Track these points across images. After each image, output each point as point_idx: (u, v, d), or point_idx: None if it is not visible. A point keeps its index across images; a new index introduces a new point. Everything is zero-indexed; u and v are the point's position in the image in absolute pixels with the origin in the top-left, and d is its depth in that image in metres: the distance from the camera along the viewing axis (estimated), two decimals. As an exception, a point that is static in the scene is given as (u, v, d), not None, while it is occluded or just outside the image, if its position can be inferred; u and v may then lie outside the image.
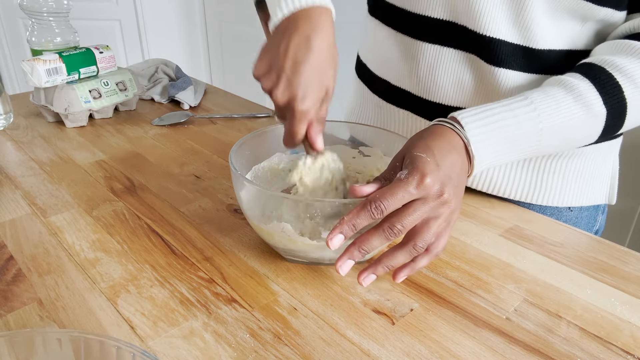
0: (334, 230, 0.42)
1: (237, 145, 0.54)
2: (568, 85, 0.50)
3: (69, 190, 0.65)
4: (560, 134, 0.50)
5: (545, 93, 0.50)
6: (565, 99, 0.50)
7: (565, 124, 0.50)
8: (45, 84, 0.82)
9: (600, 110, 0.50)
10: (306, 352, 0.41)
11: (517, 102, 0.50)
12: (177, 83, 1.01)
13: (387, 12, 0.67)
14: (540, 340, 0.42)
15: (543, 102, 0.49)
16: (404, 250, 0.44)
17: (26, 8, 0.88)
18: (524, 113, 0.49)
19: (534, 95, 0.50)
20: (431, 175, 0.43)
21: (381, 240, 0.43)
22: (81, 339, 0.31)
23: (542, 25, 0.55)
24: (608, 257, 0.54)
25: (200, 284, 0.48)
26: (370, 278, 0.45)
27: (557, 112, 0.49)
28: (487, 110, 0.49)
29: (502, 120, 0.48)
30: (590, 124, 0.51)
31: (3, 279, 0.48)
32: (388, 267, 0.44)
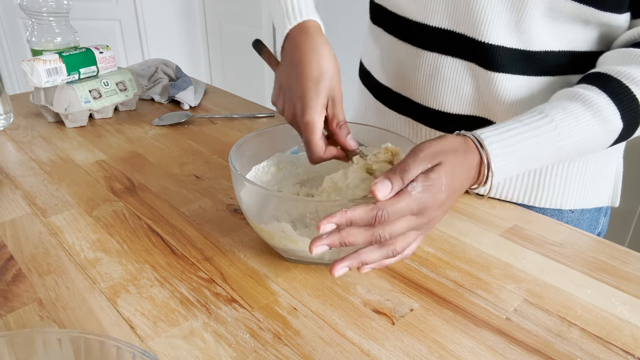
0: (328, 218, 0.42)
1: (237, 145, 0.54)
2: (587, 100, 0.50)
3: (69, 190, 0.65)
4: (577, 148, 0.51)
5: (564, 110, 0.50)
6: (585, 115, 0.50)
7: (583, 140, 0.50)
8: (45, 84, 0.82)
9: (617, 125, 0.51)
10: (306, 352, 0.41)
11: (538, 120, 0.50)
12: (177, 83, 1.01)
13: (389, 20, 0.67)
14: (540, 340, 0.42)
15: (563, 120, 0.49)
16: (381, 250, 0.44)
17: (26, 8, 0.88)
18: (545, 132, 0.49)
19: (553, 113, 0.50)
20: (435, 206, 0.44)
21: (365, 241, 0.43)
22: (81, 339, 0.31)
23: (541, 29, 0.55)
24: (608, 257, 0.54)
25: (200, 284, 0.48)
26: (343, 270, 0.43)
27: (577, 130, 0.50)
28: (510, 130, 0.49)
29: (524, 140, 0.48)
30: (606, 137, 0.52)
31: (3, 279, 0.48)
32: (362, 262, 0.44)
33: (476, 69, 0.59)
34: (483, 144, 0.47)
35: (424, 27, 0.62)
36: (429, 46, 0.62)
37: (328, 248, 0.43)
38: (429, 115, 0.66)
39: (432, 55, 0.62)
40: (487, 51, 0.57)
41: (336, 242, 0.43)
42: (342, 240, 0.43)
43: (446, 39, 0.60)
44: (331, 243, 0.43)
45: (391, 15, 0.66)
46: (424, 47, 0.63)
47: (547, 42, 0.56)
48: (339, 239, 0.42)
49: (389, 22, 0.68)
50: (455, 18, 0.58)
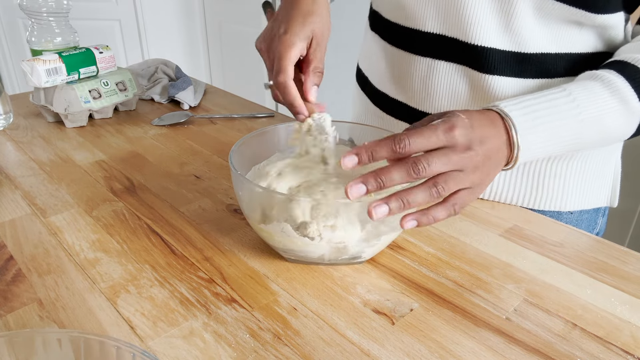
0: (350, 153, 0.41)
1: (237, 145, 0.54)
2: (605, 80, 0.50)
3: (68, 191, 0.65)
4: (600, 125, 0.50)
5: (582, 86, 0.50)
6: (603, 92, 0.50)
7: (603, 116, 0.50)
8: (45, 84, 0.82)
9: (636, 106, 0.50)
10: (306, 352, 0.41)
11: (556, 93, 0.49)
12: (177, 83, 1.01)
13: (383, 26, 0.68)
14: (540, 340, 0.42)
15: (581, 94, 0.49)
16: (423, 188, 0.42)
17: (26, 8, 0.88)
18: (564, 104, 0.48)
19: (571, 87, 0.50)
20: (462, 129, 0.43)
21: (401, 175, 0.41)
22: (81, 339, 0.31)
23: (533, 30, 0.55)
24: (608, 257, 0.54)
25: (200, 284, 0.48)
26: (382, 209, 0.41)
27: (596, 104, 0.49)
28: (529, 99, 0.48)
29: (544, 109, 0.48)
30: (627, 119, 0.51)
31: (3, 279, 0.48)
32: (403, 201, 0.41)
33: (470, 72, 0.59)
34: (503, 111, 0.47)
35: (416, 33, 0.62)
36: (422, 51, 0.63)
37: (365, 189, 0.41)
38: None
39: (425, 60, 0.62)
40: (479, 54, 0.58)
41: (372, 182, 0.41)
42: (378, 178, 0.41)
43: (438, 44, 0.60)
44: (367, 183, 0.41)
45: (385, 22, 0.67)
46: (417, 53, 0.63)
47: (543, 45, 0.56)
48: (375, 177, 0.41)
49: (383, 29, 0.68)
50: (446, 22, 0.59)
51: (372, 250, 0.50)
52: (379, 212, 0.41)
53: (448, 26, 0.59)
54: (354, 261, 0.51)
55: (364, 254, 0.50)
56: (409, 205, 0.42)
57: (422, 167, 0.41)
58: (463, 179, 0.43)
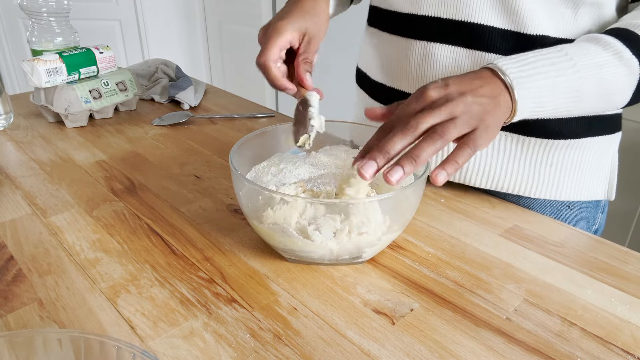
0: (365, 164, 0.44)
1: (237, 145, 0.54)
2: (596, 39, 0.52)
3: (69, 191, 0.65)
4: (597, 81, 0.51)
5: (576, 45, 0.52)
6: (596, 47, 0.51)
7: (600, 68, 0.50)
8: (46, 84, 0.82)
9: (630, 57, 0.51)
10: (306, 352, 0.41)
11: (551, 51, 0.51)
12: (177, 83, 1.01)
13: (383, 18, 0.69)
14: (540, 341, 0.42)
15: (576, 50, 0.51)
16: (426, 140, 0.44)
17: (26, 8, 0.88)
18: (558, 57, 0.50)
19: (566, 47, 0.51)
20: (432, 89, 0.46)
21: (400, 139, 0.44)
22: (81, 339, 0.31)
23: (532, 10, 0.56)
24: (608, 257, 0.54)
25: (200, 284, 0.48)
26: (398, 172, 0.43)
27: (589, 57, 0.50)
28: (524, 57, 0.50)
29: (541, 67, 0.49)
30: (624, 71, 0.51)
31: (3, 279, 0.48)
32: (414, 158, 0.43)
33: (467, 52, 0.60)
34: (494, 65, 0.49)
35: (413, 18, 0.63)
36: (418, 35, 0.63)
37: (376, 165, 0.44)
38: None
39: (420, 43, 0.63)
40: (476, 32, 0.58)
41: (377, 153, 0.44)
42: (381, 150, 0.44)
43: (434, 26, 0.61)
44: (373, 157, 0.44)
45: (384, 13, 0.68)
46: (413, 37, 0.64)
47: (542, 27, 0.56)
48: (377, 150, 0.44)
49: (382, 20, 0.69)
50: (444, 4, 0.59)
51: (372, 250, 0.50)
52: (396, 177, 0.43)
53: (445, 7, 0.60)
54: (354, 261, 0.51)
55: (364, 254, 0.50)
56: (420, 161, 0.43)
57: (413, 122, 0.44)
58: (460, 123, 0.45)
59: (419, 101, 0.46)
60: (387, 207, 0.48)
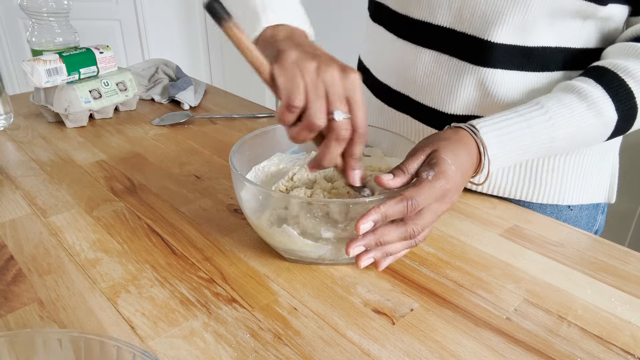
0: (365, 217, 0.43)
1: (237, 145, 0.54)
2: (582, 92, 0.52)
3: (69, 190, 0.65)
4: (571, 140, 0.53)
5: (559, 101, 0.52)
6: (579, 107, 0.52)
7: (577, 132, 0.52)
8: (46, 84, 0.82)
9: (612, 116, 0.52)
10: (306, 352, 0.41)
11: (533, 111, 0.52)
12: (177, 83, 1.01)
13: (389, 18, 0.67)
14: (540, 340, 0.42)
15: (558, 112, 0.52)
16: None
17: (26, 8, 0.88)
18: (539, 122, 0.51)
19: (549, 104, 0.52)
20: (452, 182, 0.46)
21: (400, 237, 0.45)
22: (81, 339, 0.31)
23: (542, 27, 0.55)
24: (608, 257, 0.54)
25: (200, 284, 0.48)
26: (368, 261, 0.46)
27: (571, 121, 0.52)
28: (504, 120, 0.51)
29: (518, 130, 0.51)
30: (601, 129, 0.53)
31: (3, 279, 0.48)
32: (380, 240, 0.45)
33: (474, 67, 0.59)
34: (477, 132, 0.50)
35: (426, 26, 0.62)
36: (429, 44, 0.63)
37: (364, 249, 0.45)
38: (427, 113, 0.66)
39: (430, 53, 0.62)
40: (488, 49, 0.58)
41: (372, 242, 0.45)
42: (378, 240, 0.45)
43: (447, 38, 0.60)
44: (367, 244, 0.45)
45: (392, 13, 0.66)
46: (424, 45, 0.63)
47: (544, 38, 0.56)
48: (374, 239, 0.45)
49: (389, 21, 0.68)
50: (459, 17, 0.58)
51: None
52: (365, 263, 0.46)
53: (461, 21, 0.59)
54: (354, 261, 0.51)
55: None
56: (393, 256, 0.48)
57: (417, 231, 0.46)
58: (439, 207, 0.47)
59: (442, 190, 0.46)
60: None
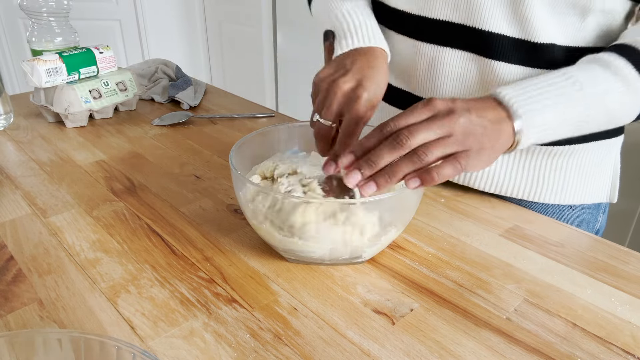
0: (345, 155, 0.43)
1: (237, 145, 0.54)
2: (604, 62, 0.51)
3: (69, 191, 0.65)
4: (605, 105, 0.50)
5: (582, 68, 0.51)
6: (604, 73, 0.50)
7: (607, 95, 0.50)
8: (46, 84, 0.82)
9: (637, 84, 0.50)
10: (306, 352, 0.41)
11: (557, 77, 0.50)
12: (177, 83, 1.01)
13: (389, 16, 0.67)
14: (540, 340, 0.42)
15: (582, 75, 0.50)
16: (407, 158, 0.43)
17: (26, 8, 0.88)
18: (565, 86, 0.49)
19: (571, 70, 0.50)
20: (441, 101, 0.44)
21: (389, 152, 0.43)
22: (81, 339, 0.31)
23: (542, 19, 0.55)
24: (608, 257, 0.54)
25: (200, 284, 0.48)
26: (370, 186, 0.43)
27: (597, 83, 0.50)
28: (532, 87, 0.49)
29: (548, 98, 0.48)
30: (631, 97, 0.51)
31: (3, 279, 0.48)
32: (390, 175, 0.43)
33: (477, 59, 0.60)
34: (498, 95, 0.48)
35: (423, 20, 0.62)
36: (428, 38, 0.63)
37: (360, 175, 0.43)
38: None
39: (430, 47, 0.63)
40: (486, 39, 0.58)
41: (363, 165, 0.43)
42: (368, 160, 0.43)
43: (445, 30, 0.61)
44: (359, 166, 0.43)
45: (391, 10, 0.67)
46: (423, 40, 0.63)
47: (552, 36, 0.56)
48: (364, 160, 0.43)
49: (388, 18, 0.68)
50: (455, 9, 0.59)
51: (372, 250, 0.50)
52: (368, 190, 0.43)
53: (456, 13, 0.59)
54: (354, 261, 0.51)
55: (364, 254, 0.50)
56: (394, 177, 0.43)
57: (404, 136, 0.42)
58: (451, 143, 0.43)
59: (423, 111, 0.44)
60: (387, 207, 0.48)
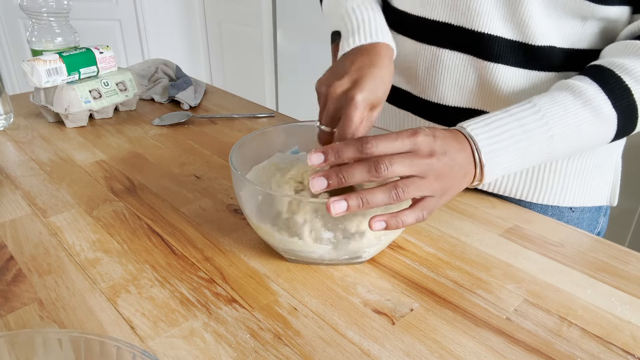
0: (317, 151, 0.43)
1: (237, 145, 0.54)
2: (576, 89, 0.50)
3: (69, 191, 0.65)
4: (571, 139, 0.50)
5: (552, 99, 0.50)
6: (574, 104, 0.49)
7: (575, 130, 0.49)
8: (46, 84, 0.82)
9: (609, 113, 0.49)
10: (306, 352, 0.41)
11: (525, 110, 0.49)
12: (177, 83, 1.01)
13: (390, 15, 0.68)
14: (540, 340, 0.42)
15: (551, 109, 0.49)
16: (383, 189, 0.42)
17: (26, 8, 0.88)
18: (532, 122, 0.48)
19: (541, 102, 0.49)
20: (425, 136, 0.44)
21: (362, 174, 0.42)
22: (81, 339, 0.31)
23: (539, 22, 0.55)
24: (608, 257, 0.54)
25: (200, 284, 0.48)
26: (341, 205, 0.42)
27: (565, 119, 0.49)
28: (495, 120, 0.48)
29: (511, 130, 0.48)
30: (601, 127, 0.50)
31: (3, 279, 0.48)
32: (362, 199, 0.42)
33: (475, 61, 0.60)
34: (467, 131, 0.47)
35: (423, 21, 0.62)
36: (427, 39, 0.63)
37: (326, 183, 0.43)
38: (428, 108, 0.66)
39: (430, 48, 0.63)
40: (485, 42, 0.58)
41: (333, 174, 0.42)
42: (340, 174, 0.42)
43: (444, 32, 0.61)
44: (327, 175, 0.43)
45: (393, 10, 0.67)
46: (423, 41, 0.63)
47: (551, 39, 0.56)
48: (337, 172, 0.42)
49: (390, 17, 0.68)
50: (454, 11, 0.59)
51: (372, 250, 0.50)
52: (338, 208, 0.42)
53: (455, 14, 0.59)
54: (354, 261, 0.51)
55: (364, 254, 0.50)
56: (367, 205, 0.43)
57: (384, 166, 0.42)
58: (424, 186, 0.44)
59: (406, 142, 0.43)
60: (387, 207, 0.48)
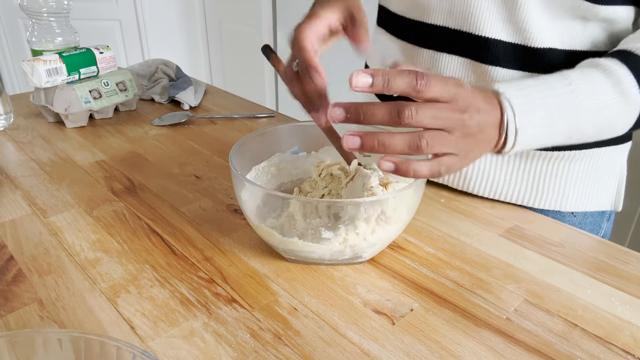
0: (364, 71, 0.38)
1: (237, 145, 0.54)
2: (607, 69, 0.49)
3: (69, 191, 0.65)
4: (597, 118, 0.50)
5: (584, 76, 0.49)
6: (604, 83, 0.49)
7: (602, 108, 0.49)
8: (46, 84, 0.82)
9: (636, 98, 0.49)
10: (306, 352, 0.41)
11: (556, 81, 0.49)
12: (177, 83, 1.01)
13: (390, 20, 0.68)
14: (540, 341, 0.42)
15: (581, 84, 0.48)
16: (404, 135, 0.39)
17: (26, 8, 0.88)
18: (562, 94, 0.48)
19: (572, 76, 0.49)
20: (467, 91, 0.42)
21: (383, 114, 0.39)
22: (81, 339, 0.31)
23: (539, 24, 0.55)
24: (608, 257, 0.54)
25: (200, 284, 0.48)
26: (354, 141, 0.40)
27: (595, 96, 0.48)
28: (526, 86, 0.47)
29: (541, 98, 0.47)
30: (626, 110, 0.50)
31: (3, 279, 0.48)
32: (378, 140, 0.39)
33: (474, 65, 0.59)
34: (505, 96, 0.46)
35: (421, 25, 0.62)
36: (425, 44, 0.63)
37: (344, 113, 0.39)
38: None
39: (428, 52, 0.63)
40: (482, 45, 0.58)
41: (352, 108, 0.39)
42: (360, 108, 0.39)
43: (442, 36, 0.61)
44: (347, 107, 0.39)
45: (392, 15, 0.67)
46: (421, 45, 0.63)
47: (549, 40, 0.56)
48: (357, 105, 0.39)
49: (389, 22, 0.68)
50: (451, 14, 0.59)
51: (372, 250, 0.50)
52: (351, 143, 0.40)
53: (453, 17, 0.59)
54: (354, 261, 0.51)
55: (364, 254, 0.50)
56: (382, 147, 0.39)
57: (409, 113, 0.38)
58: (449, 142, 0.41)
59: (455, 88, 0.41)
60: (387, 207, 0.48)
